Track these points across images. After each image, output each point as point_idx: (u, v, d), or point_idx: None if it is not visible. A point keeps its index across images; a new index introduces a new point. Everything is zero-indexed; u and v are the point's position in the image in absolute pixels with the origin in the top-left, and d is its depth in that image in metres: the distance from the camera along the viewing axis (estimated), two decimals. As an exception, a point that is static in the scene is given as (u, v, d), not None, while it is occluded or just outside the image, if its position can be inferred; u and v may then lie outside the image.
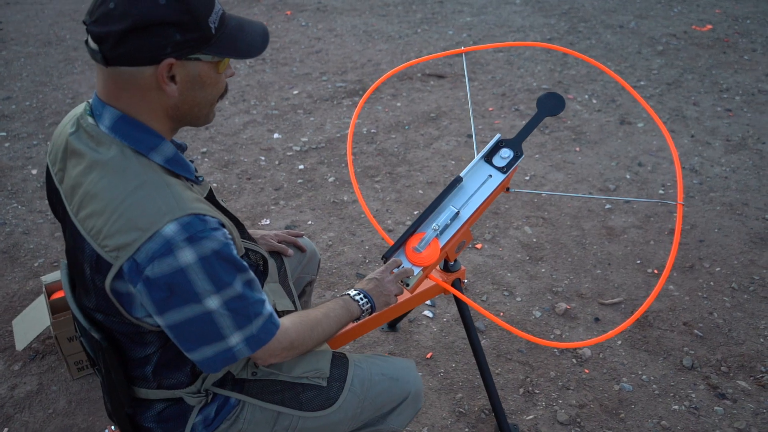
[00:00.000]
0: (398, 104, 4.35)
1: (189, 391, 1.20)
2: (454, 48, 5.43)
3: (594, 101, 4.39)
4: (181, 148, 1.16)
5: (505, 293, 2.58)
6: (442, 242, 1.63)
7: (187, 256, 0.95)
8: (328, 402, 1.31)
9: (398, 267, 1.54)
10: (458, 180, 1.69)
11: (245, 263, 1.04)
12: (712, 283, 2.63)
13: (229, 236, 1.02)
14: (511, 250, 2.83)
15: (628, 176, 3.44)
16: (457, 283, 1.83)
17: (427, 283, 1.82)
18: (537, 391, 2.13)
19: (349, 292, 1.38)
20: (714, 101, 4.38)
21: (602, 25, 6.10)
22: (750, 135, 3.89)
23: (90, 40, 0.98)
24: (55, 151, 1.11)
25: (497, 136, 1.75)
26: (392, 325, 2.39)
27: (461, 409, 2.06)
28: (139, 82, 0.99)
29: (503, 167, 1.71)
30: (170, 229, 0.95)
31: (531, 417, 2.03)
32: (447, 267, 1.83)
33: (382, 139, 3.86)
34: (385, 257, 1.64)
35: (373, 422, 1.42)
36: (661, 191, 3.30)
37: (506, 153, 1.73)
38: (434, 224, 1.63)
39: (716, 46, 5.51)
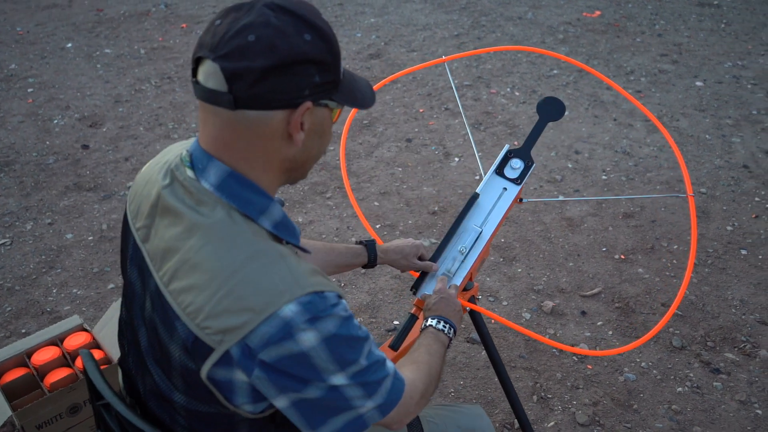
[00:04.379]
0: (327, 114, 4.21)
1: None
2: (369, 50, 5.36)
3: (517, 93, 4.48)
4: (282, 204, 0.99)
5: (491, 299, 2.55)
6: (469, 263, 1.57)
7: (310, 339, 0.81)
8: None
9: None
10: (475, 197, 1.62)
11: (365, 330, 0.92)
12: (674, 261, 2.75)
13: (348, 308, 0.88)
14: (483, 254, 2.81)
15: (569, 165, 3.53)
16: (473, 301, 1.77)
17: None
18: (550, 396, 2.11)
19: (430, 323, 1.27)
20: (623, 84, 4.62)
21: (502, 17, 6.27)
22: (664, 114, 4.13)
23: (210, 79, 0.82)
24: (138, 201, 0.96)
25: (506, 147, 1.69)
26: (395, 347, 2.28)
27: (482, 428, 2.00)
28: (265, 130, 0.84)
29: (516, 179, 1.66)
30: (290, 310, 0.80)
31: (552, 424, 2.01)
32: (465, 286, 1.76)
33: (320, 152, 3.71)
34: (415, 288, 1.55)
35: None
36: (603, 177, 3.41)
37: (517, 163, 1.68)
38: (460, 247, 1.56)
39: (609, 31, 5.83)
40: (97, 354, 1.96)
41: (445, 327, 1.26)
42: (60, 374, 1.92)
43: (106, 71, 4.94)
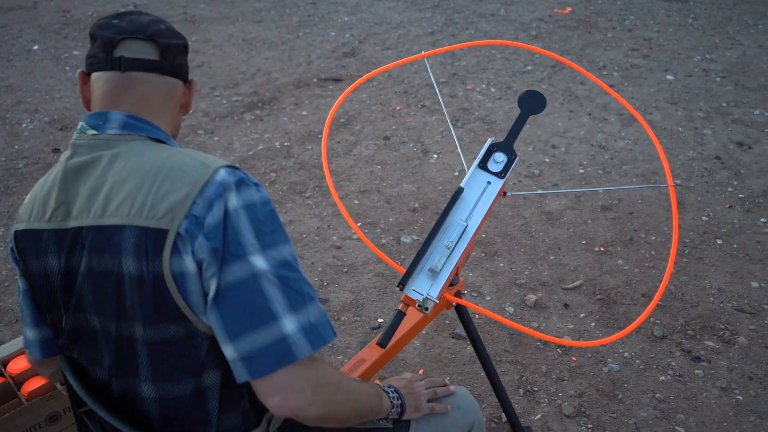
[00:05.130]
0: (304, 113, 4.18)
1: None
2: (343, 49, 5.34)
3: (492, 89, 4.50)
4: None
5: (474, 294, 2.55)
6: (455, 258, 1.56)
7: (233, 200, 0.89)
8: None
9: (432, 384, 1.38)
10: (460, 191, 1.62)
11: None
12: (653, 252, 2.78)
13: (268, 198, 0.99)
14: (465, 249, 2.82)
15: (547, 159, 3.56)
16: (458, 296, 1.76)
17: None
18: (536, 389, 2.12)
19: (380, 384, 1.22)
20: (601, 81, 4.68)
21: (475, 14, 6.30)
22: (637, 107, 4.19)
23: (141, 52, 1.01)
24: (40, 202, 0.99)
25: (489, 141, 1.69)
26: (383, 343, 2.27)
27: (470, 423, 2.00)
28: (175, 97, 1.07)
29: (500, 172, 1.66)
30: (221, 174, 0.91)
31: (539, 416, 2.02)
32: (451, 281, 1.75)
33: (298, 151, 3.68)
34: (402, 284, 1.53)
35: None
36: (581, 170, 3.45)
37: (500, 157, 1.68)
38: (446, 241, 1.55)
39: (581, 27, 5.89)
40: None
41: (392, 394, 1.19)
42: (37, 383, 1.87)
43: (75, 73, 4.84)
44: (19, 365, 1.93)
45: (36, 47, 5.40)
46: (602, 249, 2.81)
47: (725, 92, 4.38)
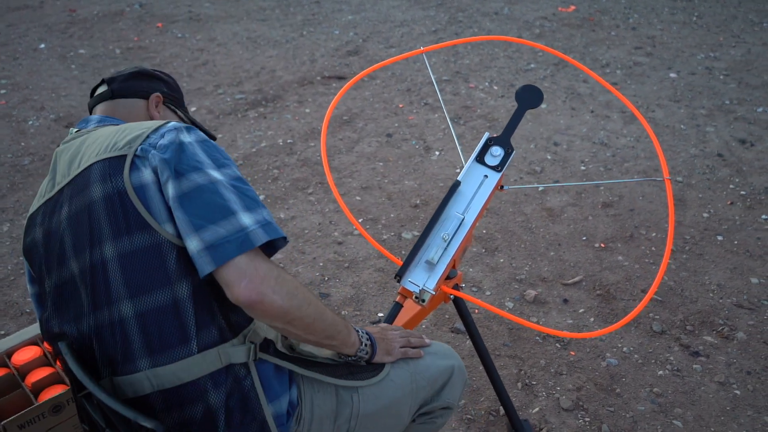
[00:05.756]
0: (307, 110, 4.20)
1: (232, 344, 1.07)
2: (347, 47, 5.36)
3: (495, 87, 4.51)
4: None
5: (474, 289, 2.57)
6: (452, 251, 1.57)
7: (186, 137, 1.08)
8: (377, 371, 1.26)
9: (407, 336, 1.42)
10: (457, 184, 1.64)
11: None
12: (653, 248, 2.79)
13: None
14: (465, 245, 2.83)
15: (549, 157, 3.57)
16: (456, 289, 1.78)
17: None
18: (534, 382, 2.13)
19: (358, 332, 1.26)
20: (599, 77, 4.68)
21: (479, 13, 6.31)
22: (640, 105, 4.19)
23: (98, 89, 1.35)
24: (38, 198, 1.19)
25: (486, 135, 1.71)
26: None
27: (468, 416, 2.02)
28: (137, 111, 1.32)
29: (497, 166, 1.67)
30: (172, 124, 1.11)
31: (537, 410, 2.03)
32: (448, 274, 1.77)
33: (301, 148, 3.71)
34: (399, 276, 1.55)
35: (430, 400, 1.38)
36: (582, 167, 3.45)
37: (497, 151, 1.70)
38: (443, 234, 1.57)
39: (585, 25, 5.89)
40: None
41: (362, 335, 1.24)
42: (41, 373, 1.89)
43: (81, 72, 4.88)
44: (23, 356, 1.95)
45: (42, 46, 5.44)
46: (602, 245, 2.82)
47: (728, 90, 4.38)
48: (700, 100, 4.23)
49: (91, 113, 1.33)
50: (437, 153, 3.62)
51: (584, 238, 2.87)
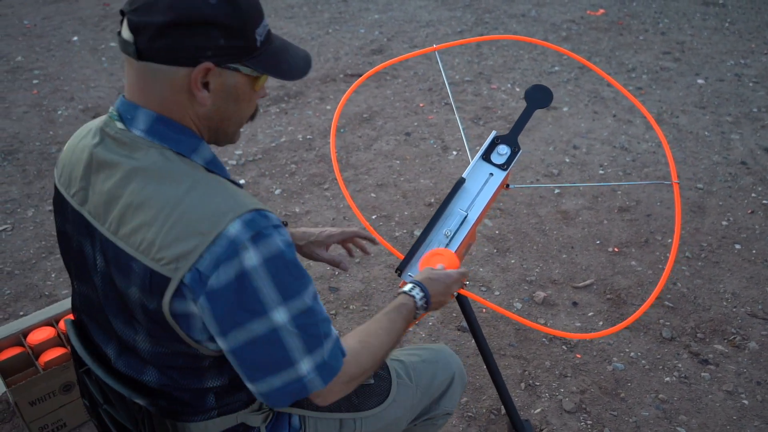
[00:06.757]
0: (328, 107, 4.24)
1: (252, 410, 1.09)
2: (371, 46, 5.39)
3: (517, 89, 4.50)
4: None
5: (483, 288, 2.57)
6: (454, 247, 1.58)
7: (252, 258, 0.86)
8: (381, 397, 1.29)
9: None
10: (461, 181, 1.64)
11: (309, 275, 0.95)
12: (668, 254, 2.76)
13: (290, 237, 0.92)
14: (478, 245, 2.83)
15: (567, 160, 3.54)
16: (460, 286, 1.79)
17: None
18: (538, 383, 2.13)
19: (404, 289, 1.20)
20: (624, 81, 4.63)
21: (506, 14, 6.28)
22: (664, 110, 4.13)
23: (124, 30, 0.89)
24: (68, 170, 1.00)
25: (493, 134, 1.71)
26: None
27: (470, 414, 2.02)
28: (171, 83, 0.90)
29: (503, 164, 1.68)
30: (234, 228, 0.86)
31: (539, 410, 2.03)
32: (450, 271, 1.78)
33: (320, 144, 3.74)
34: (400, 270, 1.56)
35: (428, 410, 1.42)
36: (600, 171, 3.42)
37: (504, 149, 1.70)
38: (445, 230, 1.58)
39: (612, 29, 5.82)
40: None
41: (417, 294, 1.17)
42: (54, 353, 1.96)
43: (111, 64, 4.99)
44: (38, 336, 2.02)
45: (75, 38, 5.58)
46: (616, 249, 2.80)
47: (757, 98, 4.29)
48: (726, 107, 4.15)
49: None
50: (454, 153, 3.62)
51: (598, 242, 2.85)
